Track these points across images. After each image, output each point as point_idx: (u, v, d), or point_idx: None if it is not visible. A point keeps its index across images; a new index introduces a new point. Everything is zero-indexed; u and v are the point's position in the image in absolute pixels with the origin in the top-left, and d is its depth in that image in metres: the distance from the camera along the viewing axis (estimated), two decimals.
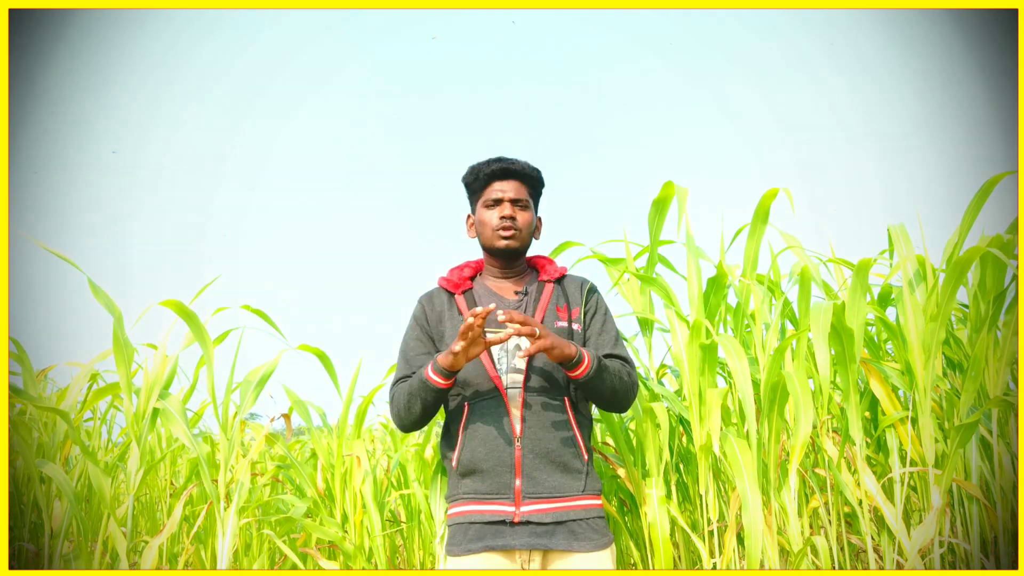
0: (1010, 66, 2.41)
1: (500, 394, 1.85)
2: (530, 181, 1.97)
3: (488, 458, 1.82)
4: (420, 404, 1.85)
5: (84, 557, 2.55)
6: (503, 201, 1.94)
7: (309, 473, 3.03)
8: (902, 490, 2.11)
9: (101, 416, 3.55)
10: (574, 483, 1.83)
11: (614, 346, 1.94)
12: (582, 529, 1.80)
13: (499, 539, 1.79)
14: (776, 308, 2.31)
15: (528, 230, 1.97)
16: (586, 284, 2.02)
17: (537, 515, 1.79)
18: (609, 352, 1.92)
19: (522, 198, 1.95)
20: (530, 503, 1.79)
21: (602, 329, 1.96)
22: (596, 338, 1.94)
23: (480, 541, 1.80)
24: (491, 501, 1.82)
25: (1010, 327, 2.08)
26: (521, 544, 1.78)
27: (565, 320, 1.93)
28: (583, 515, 1.82)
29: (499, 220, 1.93)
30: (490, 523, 1.81)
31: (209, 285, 2.67)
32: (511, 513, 1.79)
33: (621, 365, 1.90)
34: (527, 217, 1.96)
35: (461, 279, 2.01)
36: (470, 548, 1.80)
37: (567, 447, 1.84)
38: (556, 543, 1.78)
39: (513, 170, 1.95)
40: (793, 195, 2.20)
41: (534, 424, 1.83)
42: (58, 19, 3.34)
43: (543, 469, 1.81)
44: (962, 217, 2.14)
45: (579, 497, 1.83)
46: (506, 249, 1.95)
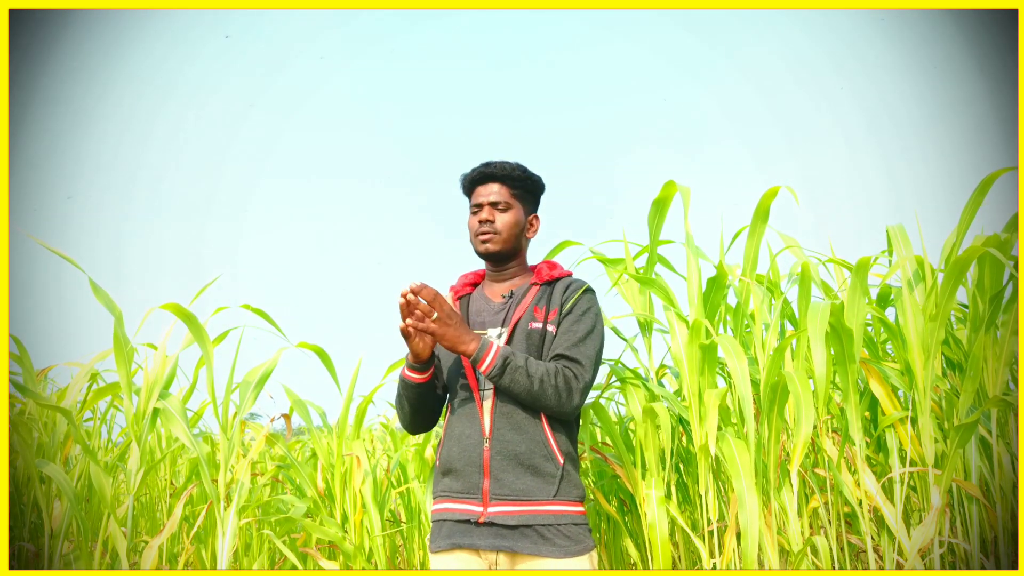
0: (1010, 66, 2.41)
1: (473, 395, 1.87)
2: (512, 181, 1.96)
3: (460, 458, 1.85)
4: (405, 401, 1.94)
5: (84, 557, 2.55)
6: (484, 205, 1.95)
7: (309, 473, 3.03)
8: (902, 490, 2.11)
9: (101, 416, 3.55)
10: (545, 487, 1.80)
11: (572, 347, 1.85)
12: (552, 534, 1.77)
13: (466, 538, 1.81)
14: (776, 308, 2.31)
15: (512, 231, 1.95)
16: (573, 284, 1.97)
17: (502, 517, 1.78)
18: (561, 352, 1.84)
19: (501, 200, 1.94)
20: (497, 504, 1.79)
21: (568, 329, 1.88)
22: (559, 337, 1.87)
23: (449, 539, 1.83)
24: (462, 500, 1.84)
25: (1009, 327, 2.08)
26: (485, 545, 1.78)
27: (541, 321, 1.90)
28: (553, 520, 1.78)
29: (478, 224, 1.96)
30: (459, 521, 1.83)
31: (209, 285, 2.68)
32: (478, 513, 1.80)
33: (558, 367, 1.81)
34: (508, 219, 1.95)
35: (463, 286, 2.05)
36: (440, 545, 1.84)
37: (537, 449, 1.81)
38: (522, 547, 1.76)
39: (490, 173, 1.96)
40: (792, 195, 2.20)
41: (503, 426, 1.82)
42: (58, 19, 3.34)
43: (510, 471, 1.80)
44: (960, 216, 2.14)
45: (550, 502, 1.79)
46: (486, 253, 1.96)
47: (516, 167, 1.98)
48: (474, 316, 1.98)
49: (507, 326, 1.91)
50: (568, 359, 1.85)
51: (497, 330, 1.92)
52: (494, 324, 1.94)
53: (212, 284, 2.69)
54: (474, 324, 1.95)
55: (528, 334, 1.88)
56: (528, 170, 2.00)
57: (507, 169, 1.96)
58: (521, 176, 1.97)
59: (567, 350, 1.86)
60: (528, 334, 1.88)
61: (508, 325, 1.91)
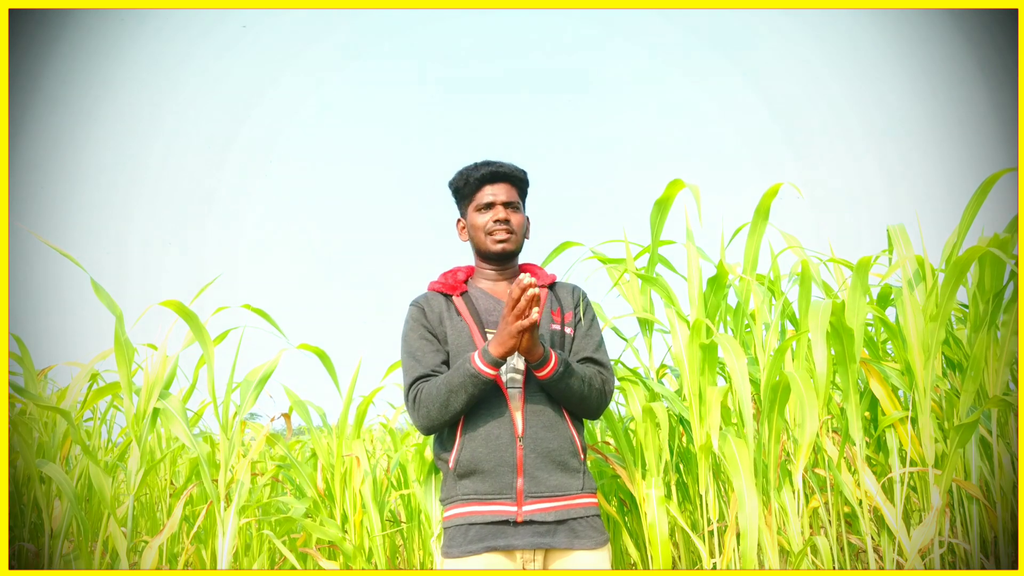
0: (1010, 66, 2.41)
1: (502, 393, 1.85)
2: (518, 183, 2.00)
3: (490, 458, 1.82)
4: (465, 398, 1.79)
5: (84, 557, 2.56)
6: (495, 204, 1.95)
7: (309, 473, 3.03)
8: (902, 490, 2.11)
9: (101, 416, 3.55)
10: (573, 482, 1.85)
11: (595, 350, 1.96)
12: (582, 527, 1.83)
13: (501, 539, 1.79)
14: (776, 308, 2.31)
15: (521, 231, 2.00)
16: (577, 290, 2.06)
17: (540, 514, 1.80)
18: (589, 356, 1.94)
19: (513, 200, 1.97)
20: (533, 502, 1.80)
21: (587, 333, 1.98)
22: (580, 340, 1.96)
23: (481, 542, 1.79)
24: (492, 501, 1.81)
25: (1009, 327, 2.08)
26: (525, 544, 1.79)
27: (559, 324, 1.96)
28: (582, 513, 1.84)
29: (493, 224, 1.95)
30: (492, 523, 1.80)
31: (209, 285, 2.68)
32: (514, 513, 1.79)
33: (596, 371, 1.92)
34: (520, 219, 1.99)
35: (456, 282, 2.01)
36: (469, 549, 1.79)
37: (566, 446, 1.86)
38: (558, 542, 1.80)
39: (503, 173, 1.97)
40: (793, 194, 2.21)
41: (535, 423, 1.84)
42: (58, 19, 3.34)
43: (545, 468, 1.83)
44: (961, 217, 2.14)
45: (578, 496, 1.85)
46: (502, 252, 1.96)
47: (520, 168, 2.02)
48: (485, 315, 1.94)
49: None
50: (597, 363, 1.95)
51: None
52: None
53: (212, 284, 2.69)
54: (487, 323, 1.93)
55: (550, 335, 1.93)
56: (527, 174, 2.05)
57: (515, 170, 2.00)
58: (525, 178, 2.03)
59: (594, 354, 1.95)
60: (550, 335, 1.93)
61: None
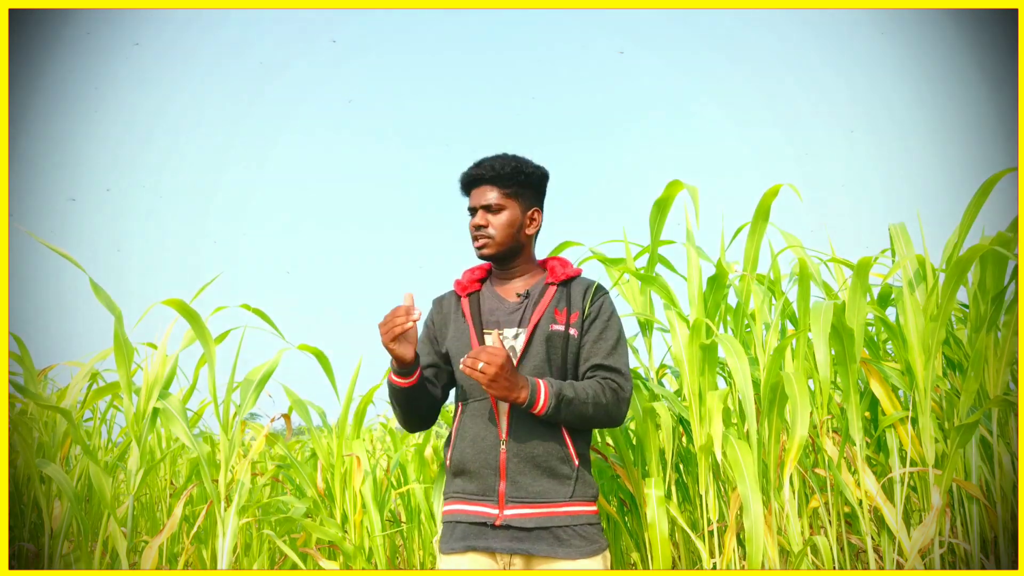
0: (1010, 66, 2.41)
1: (489, 396, 1.84)
2: (503, 181, 1.90)
3: (475, 459, 1.82)
4: (396, 404, 1.91)
5: (84, 557, 2.55)
6: (476, 209, 1.92)
7: (309, 473, 3.03)
8: (902, 490, 2.11)
9: (101, 416, 3.55)
10: (561, 488, 1.79)
11: (607, 355, 1.85)
12: (568, 536, 1.77)
13: (481, 540, 1.79)
14: (776, 308, 2.31)
15: (507, 231, 1.91)
16: (591, 287, 1.93)
17: (519, 519, 1.76)
18: (599, 362, 1.84)
19: (492, 202, 1.90)
20: (513, 507, 1.77)
21: (599, 336, 1.87)
22: (591, 345, 1.86)
23: (463, 541, 1.80)
24: (476, 502, 1.81)
25: (1010, 327, 2.07)
26: (501, 548, 1.76)
27: (563, 324, 1.87)
28: (570, 521, 1.78)
29: (473, 230, 1.93)
30: (474, 523, 1.81)
31: (209, 284, 2.67)
32: (493, 516, 1.78)
33: (604, 384, 1.82)
34: (502, 220, 1.90)
35: (471, 282, 2.00)
36: (453, 547, 1.81)
37: (555, 451, 1.80)
38: (539, 549, 1.75)
39: (479, 176, 1.92)
40: (793, 194, 2.21)
41: (520, 427, 1.80)
42: (58, 19, 3.34)
43: (528, 473, 1.79)
44: (962, 216, 2.14)
45: (566, 503, 1.79)
46: (483, 257, 1.94)
47: (507, 163, 1.91)
48: (487, 315, 1.92)
49: (525, 327, 1.86)
50: (608, 369, 1.84)
51: (513, 330, 1.87)
52: (509, 324, 1.88)
53: (212, 283, 2.69)
54: (488, 323, 1.90)
55: (549, 336, 1.85)
56: (523, 164, 1.93)
57: (496, 168, 1.90)
58: (512, 173, 1.90)
59: (605, 359, 1.85)
60: (549, 336, 1.85)
61: (526, 326, 1.86)
